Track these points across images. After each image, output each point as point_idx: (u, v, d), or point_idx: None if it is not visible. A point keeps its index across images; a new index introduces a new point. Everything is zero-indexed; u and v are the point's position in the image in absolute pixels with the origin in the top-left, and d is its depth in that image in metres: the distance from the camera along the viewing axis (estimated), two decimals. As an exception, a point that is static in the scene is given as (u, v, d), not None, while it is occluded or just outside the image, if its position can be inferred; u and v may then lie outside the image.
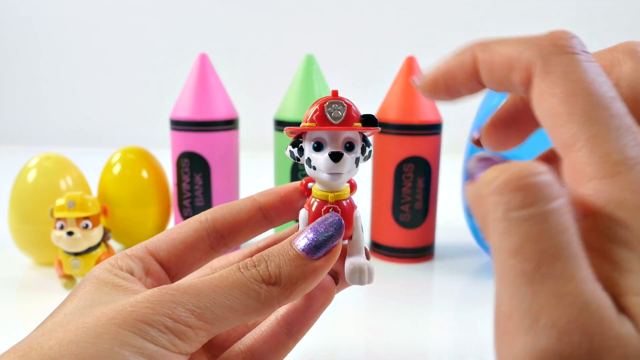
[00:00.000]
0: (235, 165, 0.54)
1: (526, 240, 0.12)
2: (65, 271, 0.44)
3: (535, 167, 0.13)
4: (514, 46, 0.16)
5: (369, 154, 0.22)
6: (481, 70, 0.18)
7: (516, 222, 0.12)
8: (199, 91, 0.51)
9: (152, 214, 0.53)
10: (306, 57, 0.52)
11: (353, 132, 0.21)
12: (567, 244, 0.12)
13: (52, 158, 0.50)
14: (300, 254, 0.19)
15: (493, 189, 0.13)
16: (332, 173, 0.20)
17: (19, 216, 0.48)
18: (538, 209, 0.12)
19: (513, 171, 0.13)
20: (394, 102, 0.50)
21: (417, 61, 0.51)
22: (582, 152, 0.14)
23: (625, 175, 0.13)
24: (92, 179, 0.54)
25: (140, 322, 0.17)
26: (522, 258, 0.12)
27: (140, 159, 0.53)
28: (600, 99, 0.14)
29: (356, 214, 0.22)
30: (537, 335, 0.11)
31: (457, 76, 0.18)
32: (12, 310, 0.42)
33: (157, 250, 0.22)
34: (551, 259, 0.12)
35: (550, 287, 0.12)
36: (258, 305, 0.18)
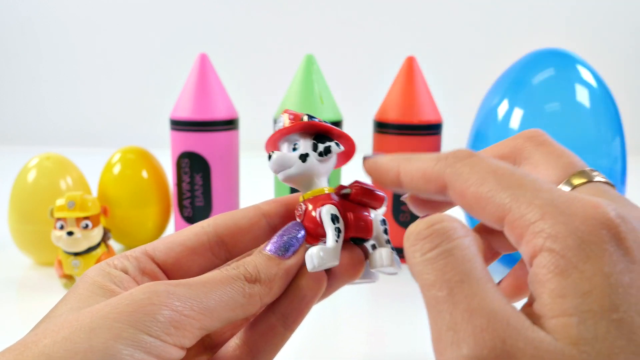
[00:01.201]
0: (235, 165, 0.54)
1: (438, 273, 0.15)
2: (65, 271, 0.44)
3: (438, 217, 0.16)
4: (428, 162, 0.20)
5: (327, 148, 0.23)
6: (402, 180, 0.21)
7: (429, 262, 0.15)
8: (199, 91, 0.51)
9: (152, 214, 0.53)
10: (306, 57, 0.52)
11: (297, 133, 0.23)
12: (470, 270, 0.15)
13: (52, 158, 0.50)
14: (271, 255, 0.21)
15: (411, 242, 0.16)
16: (276, 172, 0.23)
17: (19, 216, 0.48)
18: (443, 247, 0.15)
19: (421, 224, 0.16)
20: (394, 102, 0.50)
21: (417, 61, 0.51)
22: (512, 212, 0.16)
23: (554, 214, 0.15)
24: (92, 179, 0.54)
25: (136, 313, 0.17)
26: (437, 288, 0.15)
27: (140, 159, 0.53)
28: (503, 172, 0.17)
29: (320, 211, 0.22)
30: (459, 346, 0.14)
31: (386, 178, 0.22)
32: (12, 310, 0.42)
33: (154, 251, 0.22)
34: (459, 283, 0.15)
35: (462, 305, 0.14)
36: (244, 301, 0.20)
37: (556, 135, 0.50)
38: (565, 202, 0.16)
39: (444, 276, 0.15)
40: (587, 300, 0.14)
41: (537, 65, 0.50)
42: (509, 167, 0.18)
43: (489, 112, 0.51)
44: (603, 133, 0.48)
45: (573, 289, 0.14)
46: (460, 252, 0.15)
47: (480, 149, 0.55)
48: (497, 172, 0.18)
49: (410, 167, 0.21)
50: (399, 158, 0.21)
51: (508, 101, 0.49)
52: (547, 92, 0.48)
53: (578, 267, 0.14)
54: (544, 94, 0.48)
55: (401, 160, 0.21)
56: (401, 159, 0.21)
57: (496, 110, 0.50)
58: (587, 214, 0.15)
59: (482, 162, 0.18)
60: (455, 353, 0.14)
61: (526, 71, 0.50)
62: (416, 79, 0.50)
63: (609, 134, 0.48)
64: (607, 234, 0.15)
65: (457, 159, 0.19)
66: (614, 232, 0.15)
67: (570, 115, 0.48)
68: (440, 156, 0.20)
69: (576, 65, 0.49)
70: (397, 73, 0.52)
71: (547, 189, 0.16)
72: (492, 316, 0.14)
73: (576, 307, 0.14)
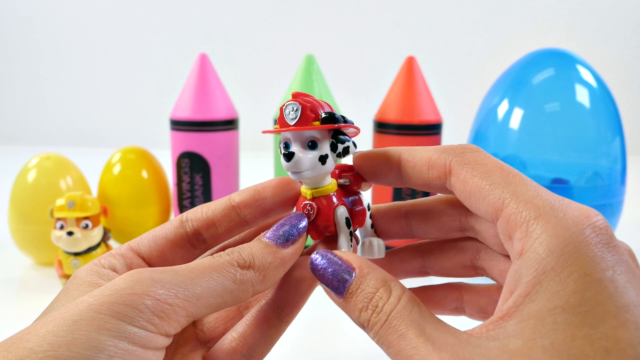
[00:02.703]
0: (235, 165, 0.54)
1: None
2: (65, 271, 0.44)
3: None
4: (432, 151, 0.21)
5: (345, 150, 0.22)
6: (404, 167, 0.22)
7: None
8: (199, 91, 0.51)
9: (152, 214, 0.53)
10: (306, 57, 0.52)
11: (316, 130, 0.21)
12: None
13: (52, 158, 0.50)
14: (269, 243, 0.21)
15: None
16: (291, 172, 0.22)
17: (19, 216, 0.48)
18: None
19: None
20: (394, 102, 0.50)
21: (417, 61, 0.51)
22: (510, 206, 0.18)
23: (549, 216, 0.17)
24: (92, 179, 0.54)
25: (118, 304, 0.17)
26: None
27: (140, 159, 0.53)
28: (509, 169, 0.19)
29: (339, 211, 0.22)
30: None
31: (381, 164, 0.23)
32: (12, 310, 0.42)
33: (139, 246, 0.23)
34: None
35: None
36: (234, 287, 0.19)
37: (556, 135, 0.51)
38: (562, 205, 0.17)
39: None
40: (554, 298, 0.15)
41: (537, 65, 0.50)
42: (511, 168, 0.19)
43: (489, 112, 0.51)
44: (603, 133, 0.48)
45: (543, 291, 0.16)
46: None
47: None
48: (503, 168, 0.19)
49: (415, 154, 0.22)
50: (399, 148, 0.23)
51: (508, 101, 0.49)
52: (547, 92, 0.48)
53: (555, 269, 0.16)
54: (544, 94, 0.48)
55: (403, 149, 0.22)
56: (402, 149, 0.23)
57: (496, 110, 0.50)
58: (580, 217, 0.17)
59: (490, 156, 0.20)
60: None
61: (526, 71, 0.50)
62: (416, 79, 0.50)
63: (609, 134, 0.48)
64: (595, 236, 0.16)
65: (467, 149, 0.21)
66: (603, 234, 0.16)
67: (570, 115, 0.48)
68: (447, 147, 0.21)
69: (576, 65, 0.49)
70: (397, 73, 0.52)
71: (548, 191, 0.18)
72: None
73: (540, 308, 0.15)
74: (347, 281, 0.20)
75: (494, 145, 0.50)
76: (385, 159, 0.23)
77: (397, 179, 0.23)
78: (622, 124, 0.49)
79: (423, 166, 0.22)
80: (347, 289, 0.19)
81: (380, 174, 0.23)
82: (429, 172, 0.21)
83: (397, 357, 0.17)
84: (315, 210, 0.22)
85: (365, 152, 0.24)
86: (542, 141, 0.48)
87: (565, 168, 0.48)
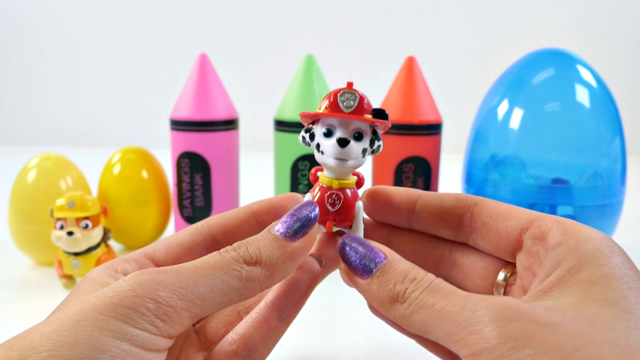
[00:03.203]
0: (235, 165, 0.54)
1: None
2: (65, 271, 0.44)
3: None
4: (449, 194, 0.24)
5: (377, 148, 0.23)
6: (426, 199, 0.24)
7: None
8: (199, 91, 0.51)
9: (152, 214, 0.53)
10: (306, 57, 0.52)
11: (363, 122, 0.22)
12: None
13: (52, 158, 0.50)
14: (278, 236, 0.20)
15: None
16: (338, 158, 0.22)
17: (19, 216, 0.48)
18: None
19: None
20: (394, 102, 0.50)
21: (417, 61, 0.51)
22: (543, 219, 0.21)
23: (572, 229, 0.20)
24: (92, 179, 0.54)
25: (121, 306, 0.17)
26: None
27: (140, 159, 0.53)
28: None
29: (358, 205, 0.23)
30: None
31: (397, 201, 0.25)
32: (12, 310, 0.42)
33: (154, 252, 0.23)
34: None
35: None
36: (240, 285, 0.19)
37: (556, 135, 0.51)
38: (581, 226, 0.20)
39: None
40: (601, 269, 0.18)
41: (537, 65, 0.50)
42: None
43: (489, 112, 0.51)
44: (603, 133, 0.48)
45: (589, 266, 0.18)
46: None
47: (480, 148, 0.55)
48: (507, 202, 0.24)
49: (436, 193, 0.25)
50: (416, 190, 0.25)
51: (508, 101, 0.49)
52: (547, 92, 0.48)
53: (599, 248, 0.18)
54: (544, 94, 0.48)
55: (420, 192, 0.25)
56: (419, 191, 0.25)
57: (496, 110, 0.50)
58: (597, 234, 0.19)
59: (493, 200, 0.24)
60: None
61: (526, 71, 0.50)
62: (416, 79, 0.50)
63: (609, 134, 0.48)
64: (610, 249, 0.18)
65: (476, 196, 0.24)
66: (617, 248, 0.19)
67: (570, 115, 0.48)
68: (460, 195, 0.25)
69: (576, 65, 0.49)
70: (397, 73, 0.52)
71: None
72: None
73: (589, 276, 0.18)
74: (377, 263, 0.20)
75: (494, 145, 0.50)
76: (404, 194, 0.25)
77: (401, 219, 0.25)
78: (622, 124, 0.49)
79: (449, 200, 0.24)
80: (378, 268, 0.20)
81: (391, 207, 0.25)
82: (455, 204, 0.24)
83: (445, 309, 0.17)
84: (342, 201, 0.22)
85: (382, 189, 0.25)
86: (542, 141, 0.48)
87: (565, 168, 0.48)
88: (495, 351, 0.15)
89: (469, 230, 0.24)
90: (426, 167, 0.50)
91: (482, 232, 0.23)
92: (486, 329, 0.16)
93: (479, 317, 0.16)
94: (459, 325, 0.17)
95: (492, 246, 0.23)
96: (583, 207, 0.47)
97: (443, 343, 0.17)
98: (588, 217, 0.47)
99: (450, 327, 0.17)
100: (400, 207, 0.25)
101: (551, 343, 0.15)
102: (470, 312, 0.17)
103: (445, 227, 0.25)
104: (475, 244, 0.24)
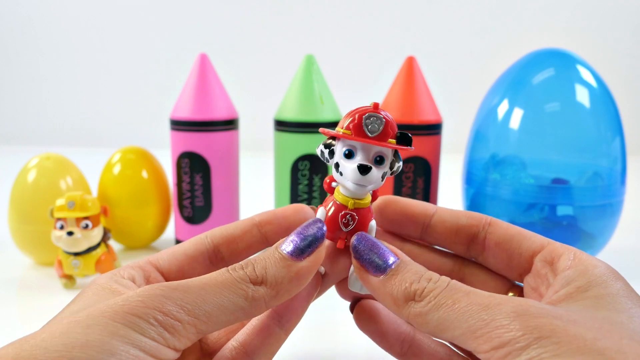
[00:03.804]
0: (235, 165, 0.54)
1: None
2: (65, 271, 0.44)
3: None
4: (463, 212, 0.25)
5: (397, 169, 0.22)
6: (442, 214, 0.25)
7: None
8: (199, 91, 0.51)
9: (152, 214, 0.53)
10: (306, 57, 0.52)
11: (385, 147, 0.21)
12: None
13: (52, 158, 0.50)
14: (285, 255, 0.20)
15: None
16: (358, 184, 0.21)
17: (19, 216, 0.48)
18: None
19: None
20: (394, 102, 0.50)
21: (417, 61, 0.51)
22: (554, 244, 0.23)
23: (582, 254, 0.21)
24: (92, 179, 0.54)
25: (131, 314, 0.17)
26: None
27: (140, 159, 0.53)
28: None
29: (372, 225, 0.23)
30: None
31: (413, 213, 0.26)
32: (12, 310, 0.42)
33: (158, 260, 0.23)
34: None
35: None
36: (246, 304, 0.19)
37: (556, 135, 0.51)
38: (588, 255, 0.21)
39: None
40: (607, 288, 0.19)
41: (537, 65, 0.50)
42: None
43: (489, 112, 0.51)
44: (603, 133, 0.48)
45: (596, 285, 0.19)
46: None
47: (480, 149, 0.55)
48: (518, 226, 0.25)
49: (452, 210, 0.26)
50: (433, 206, 0.26)
51: (508, 101, 0.49)
52: (547, 92, 0.48)
53: (605, 273, 0.20)
54: (544, 94, 0.48)
55: (437, 207, 0.26)
56: (435, 207, 0.26)
57: (496, 110, 0.50)
58: (602, 263, 0.21)
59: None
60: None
61: (526, 71, 0.50)
62: (416, 79, 0.50)
63: (609, 134, 0.48)
64: (615, 275, 0.20)
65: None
66: (620, 276, 0.20)
67: (570, 115, 0.48)
68: (473, 213, 0.26)
69: (576, 65, 0.49)
70: (397, 73, 0.52)
71: None
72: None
73: (596, 294, 0.19)
74: (390, 262, 0.21)
75: (494, 145, 0.50)
76: (422, 208, 0.25)
77: (415, 230, 0.26)
78: (622, 124, 0.49)
79: (463, 217, 0.25)
80: (391, 268, 0.20)
81: (405, 221, 0.25)
82: (469, 221, 0.25)
83: (467, 307, 0.18)
84: (356, 222, 0.22)
85: (397, 200, 0.26)
86: (542, 141, 0.48)
87: (565, 168, 0.48)
88: (521, 341, 0.16)
89: (480, 249, 0.25)
90: (426, 167, 0.50)
91: (495, 251, 0.24)
92: (513, 324, 0.16)
93: (505, 313, 0.17)
94: (482, 322, 0.17)
95: (503, 265, 0.24)
96: (583, 207, 0.47)
97: (459, 341, 0.18)
98: (588, 217, 0.47)
99: (472, 323, 0.17)
100: (416, 219, 0.25)
101: (573, 333, 0.16)
102: (495, 309, 0.17)
103: (459, 244, 0.25)
104: (485, 261, 0.25)
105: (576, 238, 0.48)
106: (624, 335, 0.16)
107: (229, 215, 0.54)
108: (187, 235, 0.53)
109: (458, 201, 0.58)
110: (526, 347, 0.16)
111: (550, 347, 0.15)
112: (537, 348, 0.16)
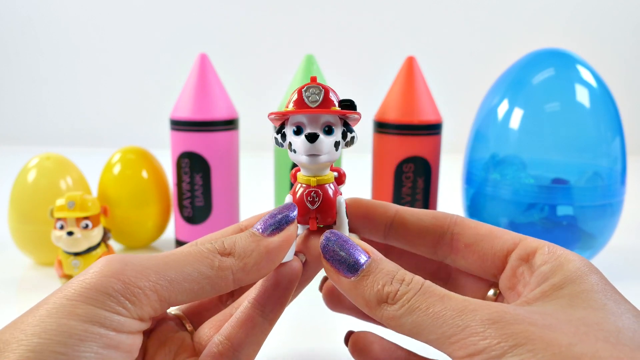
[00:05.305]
0: (235, 165, 0.54)
1: None
2: (65, 271, 0.44)
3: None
4: (427, 212, 0.25)
5: (351, 140, 0.22)
6: (404, 214, 0.25)
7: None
8: (199, 91, 0.51)
9: (152, 214, 0.53)
10: (306, 57, 0.52)
11: (332, 116, 0.22)
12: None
13: (52, 158, 0.50)
14: (254, 232, 0.21)
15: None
16: (310, 154, 0.21)
17: (19, 216, 0.48)
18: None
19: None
20: (394, 102, 0.50)
21: (417, 61, 0.51)
22: (527, 240, 0.22)
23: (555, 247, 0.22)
24: (92, 179, 0.54)
25: (88, 289, 0.17)
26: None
27: (140, 159, 0.53)
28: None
29: (340, 200, 0.23)
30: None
31: (377, 214, 0.25)
32: (12, 310, 0.42)
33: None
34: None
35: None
36: (212, 273, 0.19)
37: (556, 135, 0.51)
38: (562, 249, 0.21)
39: None
40: (583, 285, 0.19)
41: (537, 65, 0.50)
42: None
43: (489, 112, 0.51)
44: (603, 133, 0.48)
45: (571, 283, 0.19)
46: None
47: (480, 149, 0.55)
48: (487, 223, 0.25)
49: (414, 209, 0.25)
50: (395, 206, 0.26)
51: (508, 101, 0.49)
52: (547, 92, 0.48)
53: (581, 268, 0.20)
54: (544, 94, 0.48)
55: (399, 208, 0.25)
56: (398, 207, 0.26)
57: (496, 110, 0.50)
58: (576, 256, 0.21)
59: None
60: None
61: (526, 71, 0.50)
62: (416, 79, 0.50)
63: (609, 134, 0.48)
64: (589, 269, 0.20)
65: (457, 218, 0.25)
66: (594, 268, 0.20)
67: (570, 115, 0.48)
68: (440, 213, 0.25)
69: (576, 65, 0.49)
70: (397, 73, 0.52)
71: None
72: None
73: (571, 291, 0.19)
74: (361, 262, 0.20)
75: (494, 145, 0.50)
76: (383, 209, 0.25)
77: (379, 232, 0.25)
78: (622, 124, 0.49)
79: (429, 218, 0.24)
80: (362, 268, 0.20)
81: (368, 221, 0.25)
82: (433, 222, 0.24)
83: (442, 313, 0.18)
84: (321, 198, 0.22)
85: (362, 200, 0.26)
86: (542, 141, 0.48)
87: (565, 168, 0.48)
88: (497, 349, 0.16)
89: (447, 250, 0.24)
90: (426, 167, 0.50)
91: (465, 253, 0.24)
92: (488, 331, 0.16)
93: (479, 320, 0.17)
94: (457, 328, 0.17)
95: (475, 267, 0.24)
96: (583, 207, 0.47)
97: (434, 345, 0.18)
98: (588, 217, 0.47)
99: (446, 329, 0.17)
100: (377, 220, 0.25)
101: (549, 340, 0.16)
102: (470, 315, 0.17)
103: (424, 245, 0.25)
104: (455, 263, 0.25)
105: (576, 238, 0.48)
106: (599, 338, 0.16)
107: (229, 215, 0.54)
108: (187, 235, 0.53)
109: (458, 201, 0.58)
110: (502, 355, 0.16)
111: (526, 355, 0.15)
112: (512, 356, 0.16)
